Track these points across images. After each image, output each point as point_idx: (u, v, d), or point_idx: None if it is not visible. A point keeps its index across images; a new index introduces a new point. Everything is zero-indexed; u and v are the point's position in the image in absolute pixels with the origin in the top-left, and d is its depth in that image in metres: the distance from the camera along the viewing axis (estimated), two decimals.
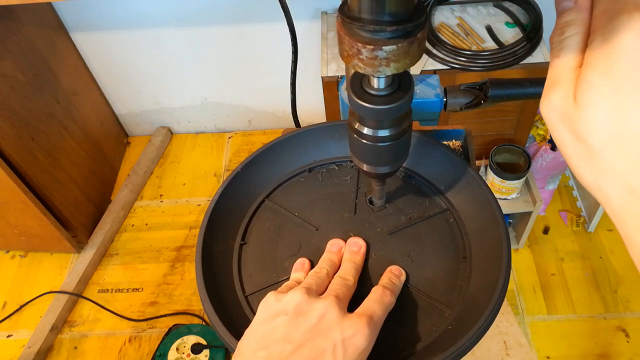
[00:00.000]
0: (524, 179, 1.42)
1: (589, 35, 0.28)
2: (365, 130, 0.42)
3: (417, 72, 1.27)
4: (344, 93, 0.68)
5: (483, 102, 0.67)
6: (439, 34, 1.33)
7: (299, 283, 0.46)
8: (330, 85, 1.34)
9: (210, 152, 1.95)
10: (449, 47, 1.29)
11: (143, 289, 1.61)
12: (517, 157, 1.43)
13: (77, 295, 1.58)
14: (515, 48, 1.28)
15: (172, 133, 2.01)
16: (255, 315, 0.43)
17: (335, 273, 0.48)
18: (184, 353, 1.41)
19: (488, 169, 1.41)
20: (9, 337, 1.55)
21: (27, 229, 1.55)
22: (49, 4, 1.55)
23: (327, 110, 1.45)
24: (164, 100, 1.90)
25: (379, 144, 0.42)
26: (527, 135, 1.52)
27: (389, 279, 0.47)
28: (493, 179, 1.40)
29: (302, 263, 0.50)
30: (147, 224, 1.76)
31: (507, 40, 1.33)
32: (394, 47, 0.33)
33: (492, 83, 0.66)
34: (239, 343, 0.41)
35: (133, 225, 1.76)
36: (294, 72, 0.75)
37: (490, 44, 1.33)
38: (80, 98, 1.70)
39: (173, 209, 1.80)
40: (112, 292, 1.61)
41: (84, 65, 1.74)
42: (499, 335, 0.77)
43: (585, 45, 0.28)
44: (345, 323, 0.40)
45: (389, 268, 0.49)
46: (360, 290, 0.47)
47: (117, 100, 1.90)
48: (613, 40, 0.25)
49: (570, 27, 0.28)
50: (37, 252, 1.72)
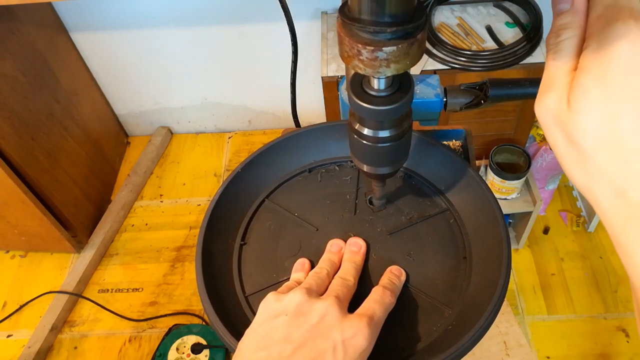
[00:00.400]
0: (524, 179, 1.42)
1: (584, 39, 0.28)
2: (366, 131, 0.42)
3: (417, 72, 1.27)
4: (344, 93, 0.68)
5: (483, 102, 0.67)
6: (439, 34, 1.33)
7: (299, 283, 0.46)
8: (330, 85, 1.34)
9: (210, 152, 1.95)
10: (449, 47, 1.29)
11: (143, 289, 1.61)
12: (517, 157, 1.43)
13: (77, 295, 1.58)
14: (515, 48, 1.28)
15: (172, 133, 2.01)
16: (256, 316, 0.43)
17: (336, 273, 0.48)
18: (184, 353, 1.41)
19: (488, 169, 1.41)
20: (9, 337, 1.55)
21: (27, 229, 1.55)
22: (49, 4, 1.55)
23: (327, 110, 1.45)
24: (164, 100, 1.90)
25: (379, 145, 0.42)
26: (527, 135, 1.52)
27: (389, 279, 0.47)
28: (493, 179, 1.40)
29: (302, 263, 0.50)
30: (147, 224, 1.76)
31: (507, 40, 1.33)
32: (394, 48, 0.33)
33: (492, 83, 0.66)
34: (239, 343, 0.41)
35: (133, 225, 1.76)
36: (294, 72, 0.75)
37: (490, 44, 1.33)
38: (80, 98, 1.70)
39: (173, 209, 1.80)
40: (112, 292, 1.61)
41: (84, 65, 1.74)
42: (499, 336, 0.77)
43: (581, 49, 0.28)
44: (346, 323, 0.40)
45: (389, 268, 0.49)
46: (361, 291, 0.47)
47: (117, 100, 1.90)
48: (607, 48, 0.26)
49: (566, 30, 0.29)
50: (37, 252, 1.72)
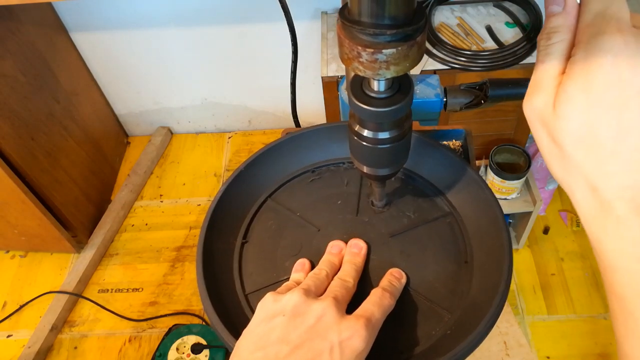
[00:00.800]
0: (524, 179, 1.42)
1: (574, 43, 0.31)
2: (366, 133, 0.42)
3: (417, 72, 1.27)
4: (344, 93, 0.68)
5: (483, 102, 0.67)
6: (439, 34, 1.33)
7: (299, 284, 0.46)
8: (330, 85, 1.34)
9: (210, 152, 1.95)
10: (449, 47, 1.29)
11: (143, 289, 1.61)
12: (517, 157, 1.43)
13: (77, 295, 1.58)
14: (515, 48, 1.28)
15: (172, 133, 2.01)
16: (254, 316, 0.43)
17: (335, 275, 0.48)
18: (184, 353, 1.41)
19: (488, 169, 1.41)
20: (9, 337, 1.55)
21: (27, 229, 1.55)
22: (49, 4, 1.55)
23: (327, 111, 1.45)
24: (164, 100, 1.90)
25: (379, 146, 0.43)
26: (527, 135, 1.52)
27: (389, 282, 0.47)
28: (493, 179, 1.40)
29: (302, 264, 0.50)
30: (147, 224, 1.76)
31: (507, 40, 1.33)
32: (394, 50, 0.33)
33: (492, 83, 0.66)
34: (237, 343, 0.41)
35: (133, 225, 1.76)
36: (294, 72, 0.75)
37: (490, 44, 1.33)
38: (80, 98, 1.70)
39: (173, 209, 1.80)
40: (112, 292, 1.61)
41: (84, 65, 1.74)
42: (499, 336, 0.77)
43: (569, 53, 0.31)
44: (343, 324, 0.40)
45: (390, 270, 0.49)
46: (360, 292, 0.47)
47: (117, 100, 1.90)
48: (593, 59, 0.29)
49: (557, 33, 0.31)
50: (37, 252, 1.72)
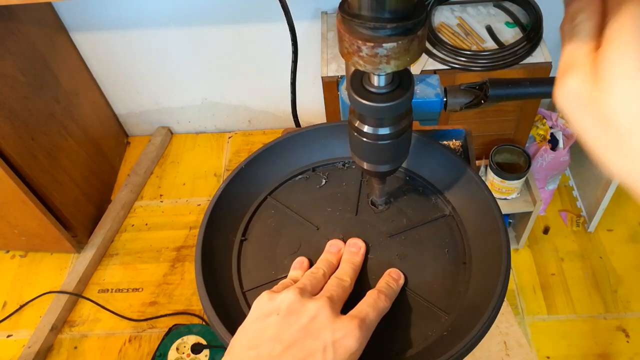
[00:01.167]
0: (524, 179, 1.42)
1: (603, 19, 0.26)
2: (366, 129, 0.42)
3: (417, 72, 1.27)
4: (344, 93, 0.68)
5: (483, 102, 0.67)
6: (439, 34, 1.33)
7: (296, 282, 0.46)
8: (330, 85, 1.34)
9: (210, 152, 1.95)
10: (449, 47, 1.29)
11: (143, 289, 1.61)
12: (517, 157, 1.43)
13: (77, 295, 1.58)
14: (515, 48, 1.28)
15: (172, 133, 2.01)
16: (249, 314, 0.43)
17: (333, 274, 0.47)
18: (184, 353, 1.41)
19: (488, 169, 1.41)
20: (9, 337, 1.55)
21: (27, 229, 1.55)
22: (49, 4, 1.55)
23: (327, 110, 1.45)
24: (164, 100, 1.90)
25: (380, 143, 0.42)
26: (527, 135, 1.52)
27: (387, 283, 0.47)
28: (493, 179, 1.40)
29: (300, 262, 0.50)
30: (147, 224, 1.76)
31: (507, 40, 1.33)
32: (394, 44, 0.33)
33: (492, 83, 0.66)
34: (231, 340, 0.41)
35: (133, 225, 1.76)
36: (294, 72, 0.75)
37: (490, 44, 1.33)
38: (80, 98, 1.70)
39: (173, 209, 1.80)
40: (112, 292, 1.61)
41: (84, 65, 1.74)
42: (499, 336, 0.77)
43: (600, 31, 0.25)
44: (337, 324, 0.40)
45: (388, 271, 0.49)
46: (357, 292, 0.47)
47: (117, 100, 1.89)
48: (632, 14, 0.23)
49: (582, 13, 0.27)
50: (37, 252, 1.72)
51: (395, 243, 0.52)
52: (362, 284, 0.48)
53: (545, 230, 1.67)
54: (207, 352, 1.41)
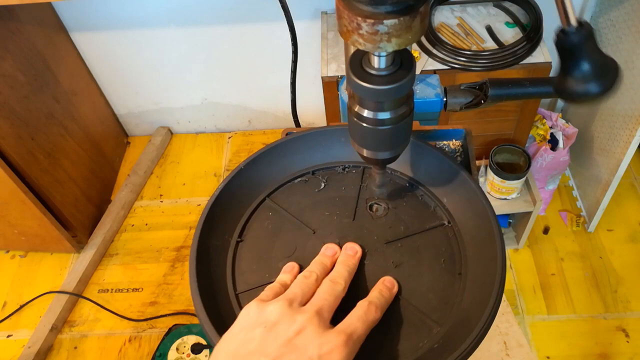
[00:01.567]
0: (524, 179, 1.42)
1: None
2: (365, 113, 0.41)
3: (417, 72, 1.27)
4: (344, 93, 0.68)
5: (483, 102, 0.67)
6: (439, 34, 1.33)
7: (284, 286, 0.45)
8: (330, 85, 1.34)
9: (210, 152, 1.95)
10: (449, 47, 1.29)
11: (143, 289, 1.61)
12: (517, 157, 1.43)
13: (77, 295, 1.58)
14: (515, 48, 1.28)
15: (172, 133, 2.01)
16: (236, 321, 0.42)
17: (326, 277, 0.47)
18: (184, 353, 1.41)
19: (488, 169, 1.41)
20: (9, 337, 1.55)
21: (27, 229, 1.55)
22: (49, 4, 1.55)
23: (327, 110, 1.45)
24: (164, 100, 1.90)
25: (379, 128, 0.41)
26: (527, 135, 1.52)
27: (379, 292, 0.46)
28: (493, 179, 1.40)
29: (291, 266, 0.49)
30: (147, 224, 1.76)
31: (507, 40, 1.33)
32: (396, 21, 0.31)
33: (492, 83, 0.66)
34: (216, 346, 0.41)
35: (133, 225, 1.76)
36: (294, 72, 0.75)
37: (490, 44, 1.33)
38: (80, 98, 1.70)
39: (173, 209, 1.80)
40: (112, 292, 1.61)
41: (84, 65, 1.74)
42: (499, 336, 0.77)
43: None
44: (324, 339, 0.39)
45: (382, 279, 0.48)
46: (350, 298, 0.46)
47: (117, 100, 1.89)
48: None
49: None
50: (37, 252, 1.72)
51: (392, 250, 0.52)
52: (355, 291, 0.48)
53: (545, 230, 1.67)
54: (207, 352, 1.41)
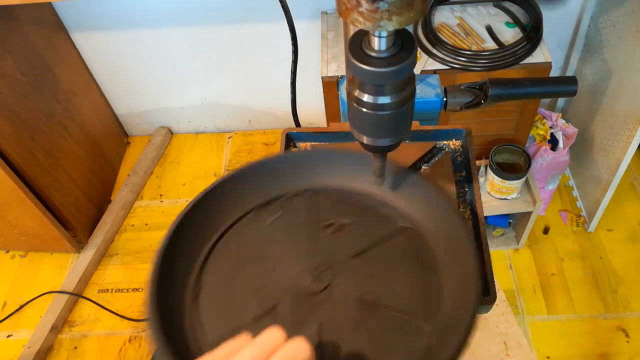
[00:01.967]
0: (524, 179, 1.42)
1: None
2: (365, 98, 0.39)
3: (417, 72, 1.27)
4: (344, 93, 0.68)
5: (483, 102, 0.67)
6: (439, 34, 1.33)
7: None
8: (330, 85, 1.34)
9: (210, 152, 1.95)
10: (449, 47, 1.29)
11: (143, 289, 1.61)
12: (517, 157, 1.43)
13: (77, 295, 1.58)
14: (515, 48, 1.28)
15: (172, 133, 2.01)
16: None
17: None
18: None
19: (488, 169, 1.41)
20: (9, 337, 1.55)
21: (27, 229, 1.55)
22: (49, 4, 1.55)
23: (327, 110, 1.45)
24: (164, 100, 1.90)
25: (380, 113, 0.40)
26: (527, 135, 1.52)
27: None
28: (493, 179, 1.40)
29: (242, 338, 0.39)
30: (147, 224, 1.76)
31: (507, 40, 1.33)
32: None
33: (492, 83, 0.66)
34: None
35: (133, 225, 1.76)
36: (294, 72, 0.75)
37: (490, 44, 1.33)
38: (80, 98, 1.70)
39: (173, 209, 1.80)
40: (112, 292, 1.61)
41: (84, 65, 1.74)
42: (499, 336, 0.77)
43: None
44: None
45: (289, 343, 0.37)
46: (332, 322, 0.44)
47: (117, 100, 1.90)
48: None
49: None
50: (37, 252, 1.72)
51: (360, 264, 0.50)
52: (332, 321, 0.45)
53: (545, 230, 1.67)
54: None
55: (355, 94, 0.40)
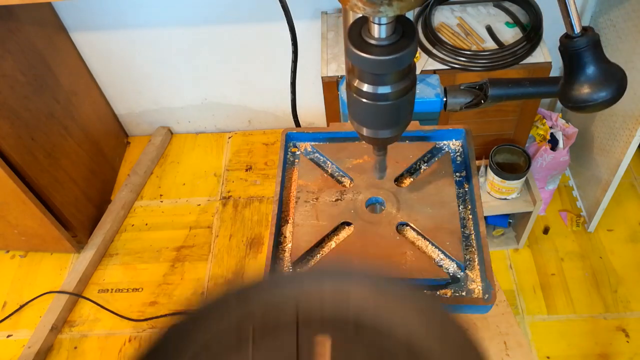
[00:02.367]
0: (524, 179, 1.42)
1: None
2: (365, 88, 0.39)
3: (417, 72, 1.27)
4: (344, 93, 0.68)
5: (483, 102, 0.67)
6: (439, 34, 1.33)
7: None
8: (330, 85, 1.34)
9: (210, 152, 1.95)
10: (449, 47, 1.29)
11: (143, 289, 1.61)
12: (517, 157, 1.43)
13: (77, 295, 1.58)
14: (515, 48, 1.28)
15: (172, 133, 2.01)
16: None
17: None
18: None
19: (488, 169, 1.41)
20: (9, 337, 1.55)
21: (27, 229, 1.55)
22: (49, 4, 1.55)
23: (327, 110, 1.45)
24: (164, 100, 1.90)
25: (380, 103, 0.39)
26: (527, 135, 1.52)
27: None
28: (493, 179, 1.40)
29: None
30: (147, 224, 1.76)
31: (507, 40, 1.33)
32: None
33: (492, 83, 0.66)
34: None
35: (133, 225, 1.76)
36: (294, 72, 0.75)
37: (490, 44, 1.33)
38: (80, 98, 1.70)
39: (173, 209, 1.80)
40: (112, 292, 1.61)
41: (84, 65, 1.74)
42: (499, 336, 0.77)
43: None
44: None
45: None
46: None
47: (117, 100, 1.90)
48: None
49: None
50: (37, 252, 1.72)
51: None
52: None
53: (545, 230, 1.67)
54: None
55: (355, 84, 0.39)
